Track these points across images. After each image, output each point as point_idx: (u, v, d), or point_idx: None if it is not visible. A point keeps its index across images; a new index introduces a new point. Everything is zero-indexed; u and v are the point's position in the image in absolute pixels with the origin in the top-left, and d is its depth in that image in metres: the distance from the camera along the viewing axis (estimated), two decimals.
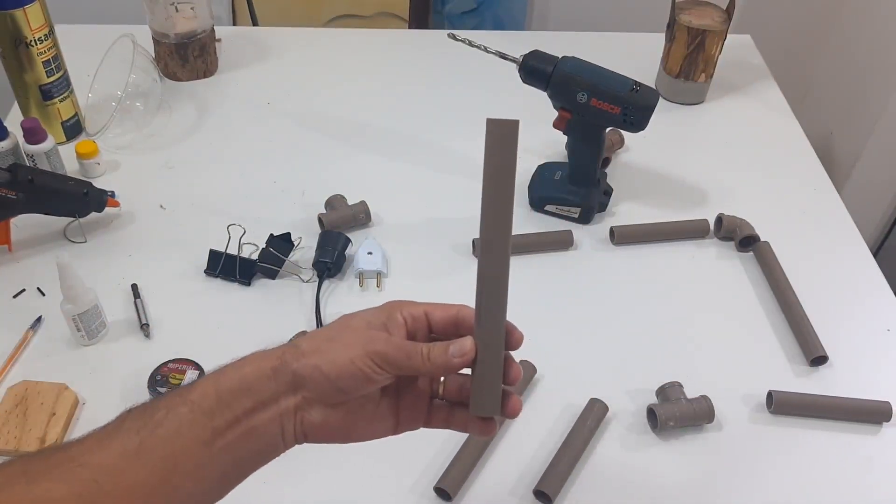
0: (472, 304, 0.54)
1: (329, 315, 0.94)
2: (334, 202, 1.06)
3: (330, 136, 1.23)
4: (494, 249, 0.53)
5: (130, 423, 0.49)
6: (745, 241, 1.06)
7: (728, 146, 1.26)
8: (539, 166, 1.14)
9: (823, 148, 1.69)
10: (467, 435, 0.80)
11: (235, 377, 0.52)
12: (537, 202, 1.10)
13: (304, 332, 0.53)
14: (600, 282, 1.02)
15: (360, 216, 1.06)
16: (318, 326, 0.92)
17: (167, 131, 1.22)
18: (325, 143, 1.21)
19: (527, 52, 1.00)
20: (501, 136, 0.52)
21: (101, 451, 0.48)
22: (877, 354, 0.94)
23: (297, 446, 0.54)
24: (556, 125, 1.03)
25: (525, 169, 1.14)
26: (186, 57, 1.29)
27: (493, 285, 0.53)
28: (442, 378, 0.57)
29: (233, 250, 0.97)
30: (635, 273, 1.03)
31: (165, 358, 0.86)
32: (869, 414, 0.87)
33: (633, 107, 0.98)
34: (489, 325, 0.53)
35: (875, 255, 1.20)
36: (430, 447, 0.81)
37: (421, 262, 1.02)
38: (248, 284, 0.97)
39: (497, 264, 0.53)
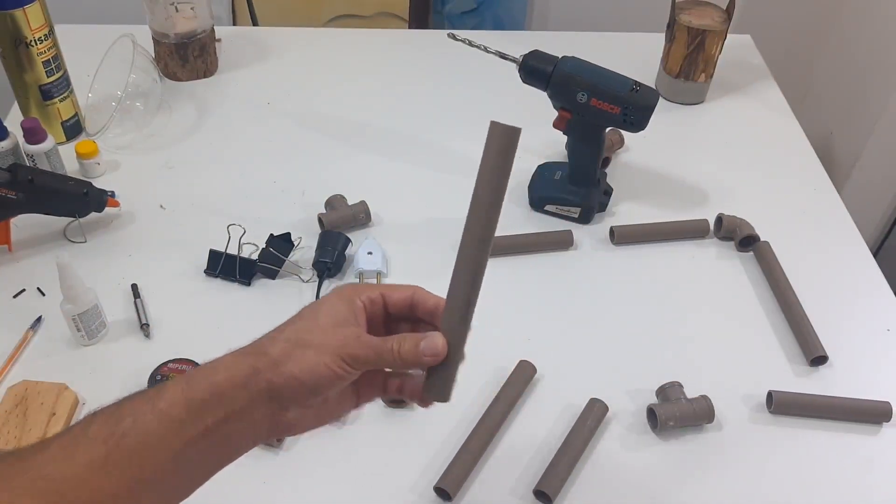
0: (476, 305, 0.55)
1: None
2: (334, 202, 1.06)
3: (330, 136, 1.23)
4: (474, 250, 0.54)
5: (96, 430, 0.48)
6: (745, 240, 1.06)
7: (728, 146, 1.26)
8: (539, 166, 1.14)
9: (823, 148, 1.70)
10: (468, 435, 0.80)
11: (206, 385, 0.50)
12: (537, 202, 1.10)
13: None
14: (600, 282, 1.02)
15: (360, 216, 1.06)
16: None
17: (167, 131, 1.22)
18: (325, 143, 1.21)
19: (527, 52, 1.00)
20: (502, 142, 0.52)
21: (65, 462, 0.47)
22: (877, 354, 0.94)
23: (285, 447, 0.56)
24: (556, 125, 1.03)
25: (525, 169, 1.14)
26: (186, 57, 1.29)
27: (468, 281, 0.54)
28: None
29: (233, 250, 0.97)
30: (635, 273, 1.03)
31: (165, 358, 0.86)
32: (869, 414, 0.87)
33: (633, 107, 0.98)
34: (457, 321, 0.54)
35: (875, 254, 1.20)
36: (430, 447, 0.81)
37: (421, 262, 1.02)
38: (248, 284, 0.97)
39: (475, 263, 0.54)
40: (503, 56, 1.00)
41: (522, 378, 0.87)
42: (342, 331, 0.53)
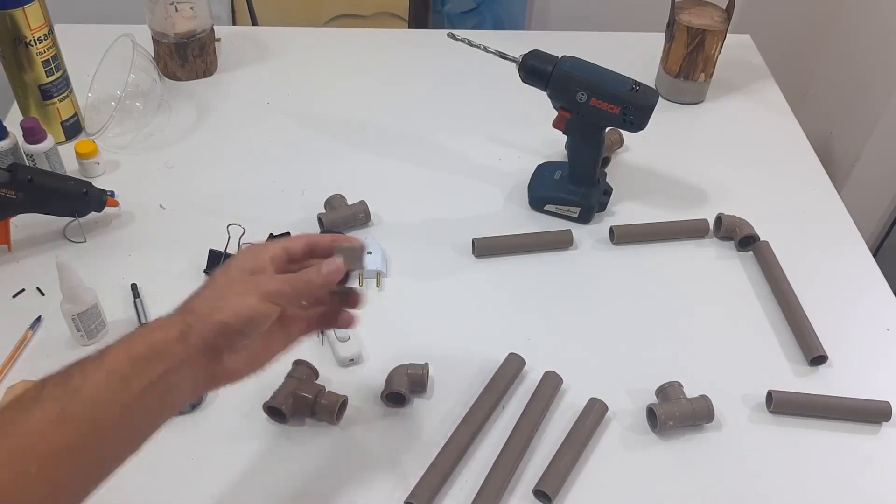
0: (476, 305, 0.55)
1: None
2: (334, 202, 1.06)
3: (330, 136, 1.23)
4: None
5: (49, 390, 0.52)
6: (745, 240, 1.06)
7: (728, 146, 1.26)
8: (539, 166, 1.14)
9: (823, 148, 1.70)
10: (440, 447, 0.80)
11: (145, 343, 0.56)
12: (537, 202, 1.10)
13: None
14: (600, 281, 1.02)
15: (360, 216, 1.06)
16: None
17: (167, 131, 1.22)
18: (324, 143, 1.21)
19: (526, 51, 1.00)
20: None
21: (23, 418, 0.50)
22: (876, 354, 0.94)
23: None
24: (556, 125, 1.03)
25: (525, 169, 1.14)
26: (186, 57, 1.29)
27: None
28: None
29: (232, 250, 0.97)
30: (635, 273, 1.03)
31: None
32: (868, 414, 0.87)
33: (633, 106, 0.98)
34: (346, 244, 0.66)
35: (875, 254, 1.20)
36: (429, 446, 0.81)
37: (420, 262, 1.02)
38: None
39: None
40: (503, 56, 1.00)
41: (518, 377, 0.87)
42: (257, 276, 0.62)
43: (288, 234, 0.99)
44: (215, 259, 0.97)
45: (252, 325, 0.60)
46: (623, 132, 1.19)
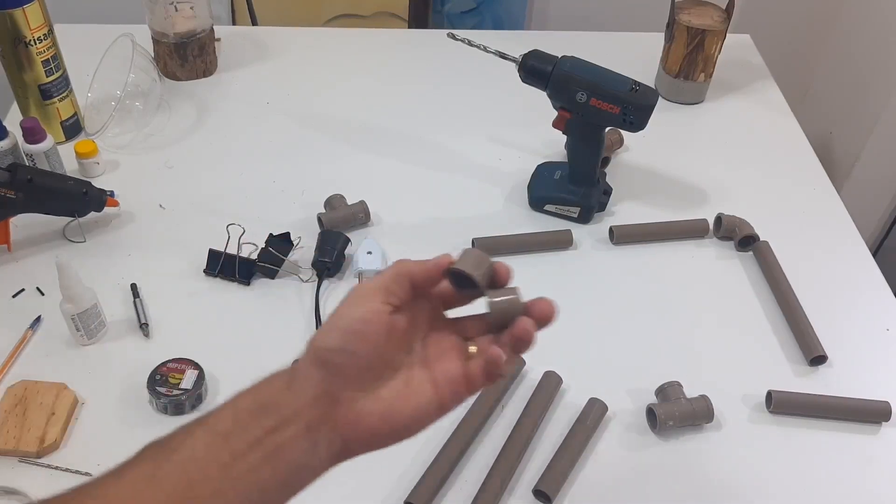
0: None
1: (329, 315, 0.94)
2: (334, 202, 1.06)
3: (329, 135, 1.23)
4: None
5: (148, 452, 0.47)
6: (745, 240, 1.06)
7: (728, 146, 1.26)
8: (539, 166, 1.14)
9: (823, 148, 1.70)
10: (440, 447, 0.79)
11: (251, 396, 0.49)
12: (537, 202, 1.10)
13: None
14: (600, 281, 1.02)
15: (360, 216, 1.05)
16: (317, 327, 0.92)
17: (166, 131, 1.22)
18: (324, 143, 1.21)
19: (526, 51, 0.99)
20: None
21: (115, 483, 0.45)
22: (876, 354, 0.94)
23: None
24: (556, 125, 1.03)
25: (525, 169, 1.14)
26: (186, 56, 1.29)
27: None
28: (472, 348, 0.53)
29: (232, 250, 0.97)
30: (635, 273, 1.03)
31: (165, 357, 0.86)
32: (868, 414, 0.87)
33: (633, 106, 0.98)
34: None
35: (874, 254, 1.20)
36: (430, 441, 0.81)
37: None
38: (248, 284, 0.97)
39: None
40: (503, 56, 1.00)
41: (512, 375, 0.87)
42: (375, 280, 0.51)
43: (288, 234, 0.99)
44: (215, 259, 0.97)
45: (372, 328, 0.49)
46: (623, 132, 1.19)
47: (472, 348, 0.53)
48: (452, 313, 0.56)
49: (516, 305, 0.52)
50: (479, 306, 0.54)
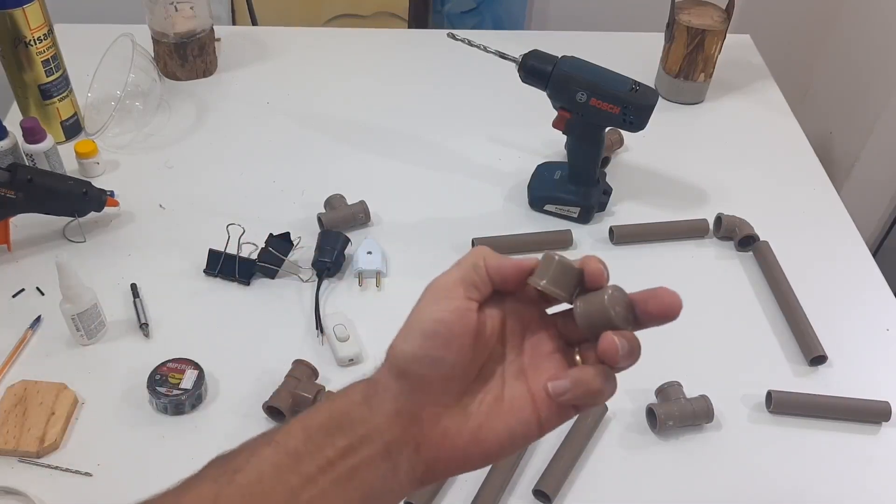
0: None
1: (328, 315, 0.94)
2: (334, 202, 1.06)
3: (330, 135, 1.23)
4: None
5: (211, 470, 0.42)
6: (745, 240, 1.06)
7: (728, 146, 1.26)
8: (539, 166, 1.14)
9: (823, 148, 1.69)
10: None
11: (324, 411, 0.43)
12: (537, 202, 1.10)
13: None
14: None
15: (360, 216, 1.05)
16: (317, 326, 0.92)
17: (166, 131, 1.22)
18: (324, 143, 1.21)
19: (526, 51, 0.99)
20: None
21: (176, 502, 0.41)
22: (876, 354, 0.94)
23: None
24: (556, 125, 1.03)
25: (525, 169, 1.14)
26: (186, 56, 1.29)
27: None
28: (577, 357, 0.46)
29: (232, 250, 0.97)
30: (635, 273, 1.03)
31: (165, 357, 0.86)
32: (868, 414, 0.87)
33: (633, 106, 0.98)
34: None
35: (874, 254, 1.20)
36: None
37: (420, 262, 1.02)
38: (248, 284, 0.97)
39: None
40: (503, 56, 1.00)
41: None
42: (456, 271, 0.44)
43: (288, 233, 0.99)
44: (215, 259, 0.97)
45: (439, 341, 0.42)
46: (623, 132, 1.19)
47: (577, 357, 0.46)
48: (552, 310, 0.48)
49: (605, 317, 0.43)
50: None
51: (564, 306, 0.46)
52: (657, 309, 0.45)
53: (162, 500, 0.41)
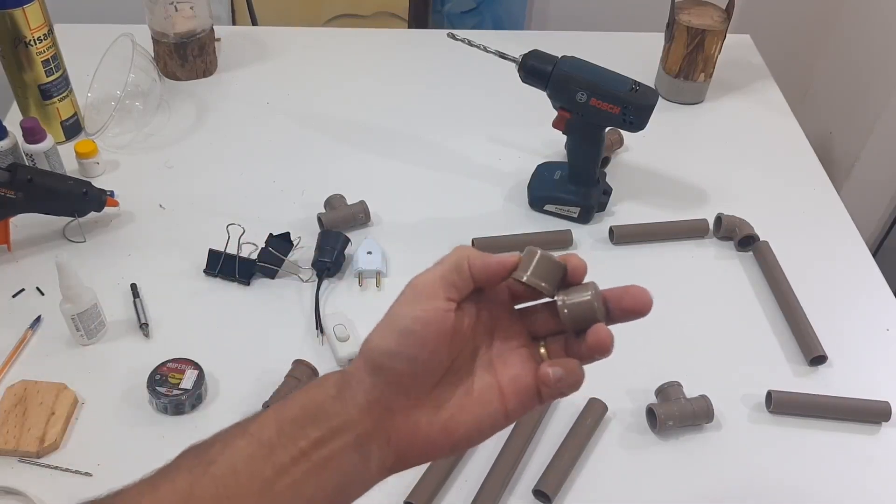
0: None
1: (328, 315, 0.94)
2: (334, 202, 1.06)
3: (329, 135, 1.23)
4: None
5: (185, 460, 0.43)
6: (745, 240, 1.06)
7: (728, 146, 1.26)
8: (539, 166, 1.14)
9: (823, 148, 1.70)
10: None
11: (298, 403, 0.44)
12: (537, 202, 1.10)
13: None
14: (599, 281, 1.01)
15: (360, 216, 1.05)
16: (317, 326, 0.92)
17: (166, 131, 1.22)
18: (324, 143, 1.21)
19: (526, 51, 0.99)
20: None
21: (150, 495, 0.42)
22: (876, 354, 0.94)
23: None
24: (556, 125, 1.03)
25: (525, 169, 1.14)
26: (186, 56, 1.29)
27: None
28: (542, 350, 0.48)
29: (232, 250, 0.97)
30: (635, 273, 1.03)
31: (165, 357, 0.86)
32: (868, 414, 0.87)
33: (633, 106, 0.98)
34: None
35: (874, 254, 1.20)
36: None
37: (420, 262, 1.01)
38: (248, 284, 0.97)
39: None
40: (503, 56, 1.00)
41: None
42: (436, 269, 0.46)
43: (288, 233, 0.99)
44: (215, 259, 0.97)
45: (416, 340, 0.44)
46: (623, 132, 1.19)
47: (542, 350, 0.47)
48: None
49: (591, 311, 0.46)
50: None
51: (533, 302, 0.48)
52: (631, 305, 0.47)
53: (138, 488, 0.42)
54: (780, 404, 0.86)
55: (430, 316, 0.44)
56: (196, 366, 0.85)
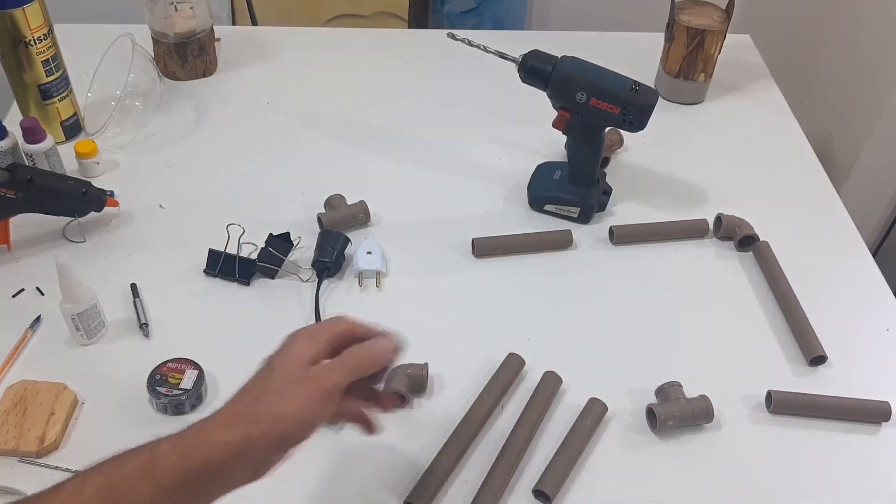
0: (476, 305, 0.55)
1: (328, 315, 0.94)
2: (333, 202, 1.06)
3: (329, 135, 1.23)
4: None
5: (91, 493, 0.50)
6: (745, 240, 1.06)
7: (728, 146, 1.26)
8: (538, 166, 1.14)
9: (823, 148, 1.70)
10: (440, 447, 0.80)
11: (202, 458, 0.52)
12: (537, 202, 1.10)
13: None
14: (600, 282, 1.02)
15: (360, 216, 1.05)
16: None
17: (166, 131, 1.22)
18: (324, 143, 1.21)
19: (526, 51, 0.99)
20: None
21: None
22: (876, 354, 0.94)
23: None
24: (556, 125, 1.03)
25: (525, 169, 1.14)
26: (186, 56, 1.29)
27: None
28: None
29: (232, 250, 0.97)
30: (635, 273, 1.03)
31: (164, 357, 0.86)
32: (868, 414, 0.87)
33: (633, 106, 0.98)
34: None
35: (874, 254, 1.20)
36: (428, 445, 0.81)
37: (420, 262, 1.02)
38: (248, 284, 0.97)
39: None
40: (503, 56, 1.00)
41: (511, 374, 0.87)
42: (316, 368, 0.59)
43: (287, 233, 0.99)
44: (215, 259, 0.97)
45: (310, 429, 0.57)
46: (623, 132, 1.19)
47: None
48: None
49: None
50: None
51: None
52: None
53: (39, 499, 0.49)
54: (780, 404, 0.86)
55: (311, 432, 0.59)
56: (196, 366, 0.85)
